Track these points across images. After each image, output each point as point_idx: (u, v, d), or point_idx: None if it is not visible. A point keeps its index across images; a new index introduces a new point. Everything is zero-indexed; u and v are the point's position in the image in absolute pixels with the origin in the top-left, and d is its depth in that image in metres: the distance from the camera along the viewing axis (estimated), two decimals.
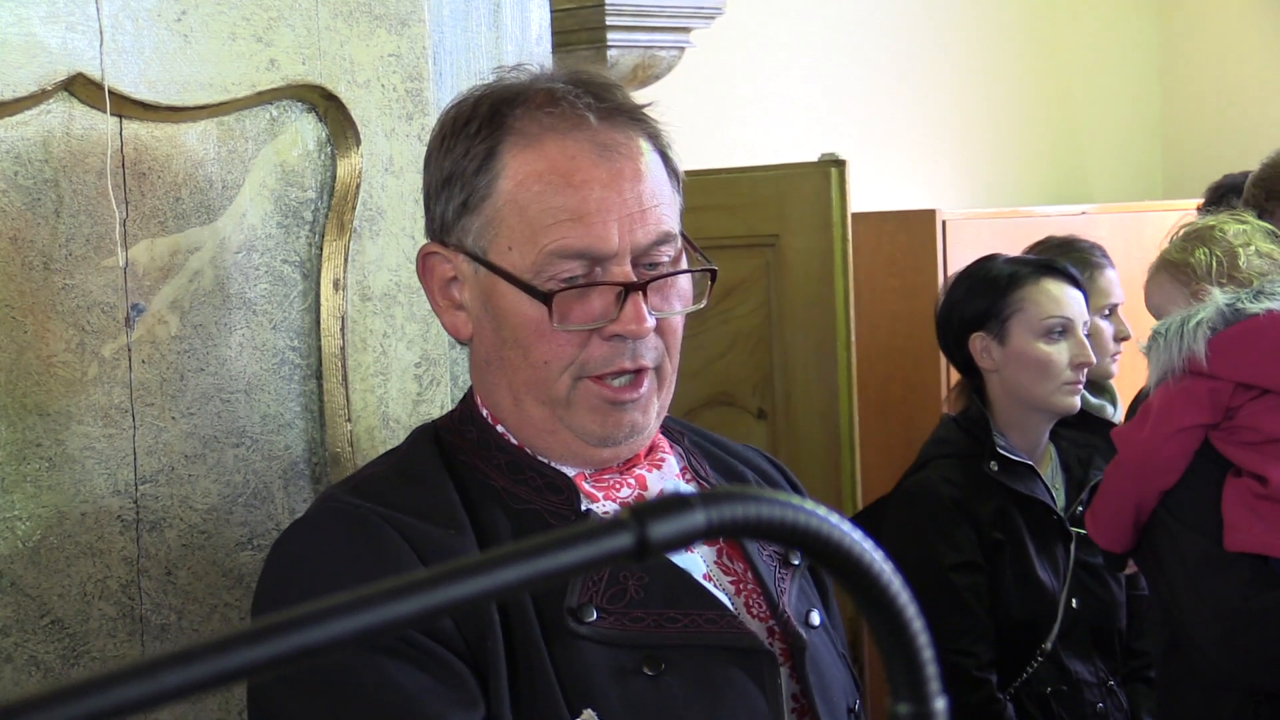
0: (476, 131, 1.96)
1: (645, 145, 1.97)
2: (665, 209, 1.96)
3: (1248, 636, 3.07)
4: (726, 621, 1.95)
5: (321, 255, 2.31)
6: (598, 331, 1.92)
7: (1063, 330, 3.88)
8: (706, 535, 0.91)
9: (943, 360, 4.22)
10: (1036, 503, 3.82)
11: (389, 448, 2.26)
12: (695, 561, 1.99)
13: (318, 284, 2.31)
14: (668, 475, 2.05)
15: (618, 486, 2.01)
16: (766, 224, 4.64)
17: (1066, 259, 4.21)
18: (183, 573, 2.18)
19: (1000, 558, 3.77)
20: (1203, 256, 3.26)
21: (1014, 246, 4.26)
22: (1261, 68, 6.67)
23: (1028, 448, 3.91)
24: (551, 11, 2.65)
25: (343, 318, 2.30)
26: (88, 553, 2.11)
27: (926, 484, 3.85)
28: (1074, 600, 3.79)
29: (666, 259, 1.95)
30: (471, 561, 0.85)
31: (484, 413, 2.02)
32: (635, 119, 1.98)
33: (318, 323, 2.30)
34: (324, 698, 1.83)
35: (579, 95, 1.94)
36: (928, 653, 0.97)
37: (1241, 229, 3.29)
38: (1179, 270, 3.28)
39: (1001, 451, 3.85)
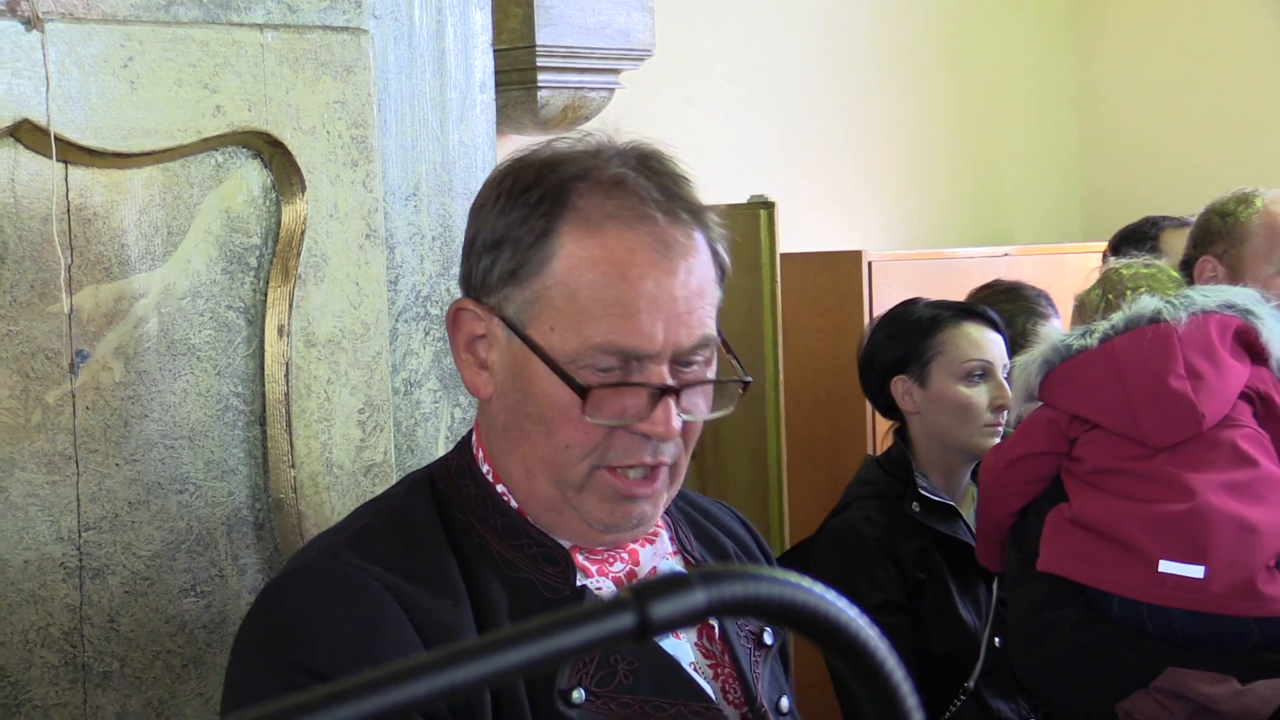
0: (538, 202, 1.91)
1: (702, 243, 1.92)
2: (709, 311, 1.92)
3: (1032, 651, 3.12)
4: (711, 715, 1.94)
5: (266, 301, 2.28)
6: (625, 426, 1.89)
7: (983, 373, 3.89)
8: (706, 615, 0.90)
9: (867, 401, 4.22)
10: (958, 542, 3.83)
11: (333, 494, 2.24)
12: (684, 649, 1.98)
13: (262, 330, 2.28)
14: (660, 551, 2.04)
15: (611, 560, 1.99)
16: None
17: (1011, 306, 4.24)
18: (125, 620, 2.15)
19: (923, 597, 3.78)
20: (1095, 296, 3.31)
21: (938, 287, 4.28)
22: (1176, 115, 6.73)
23: (949, 488, 3.92)
24: None
25: (287, 364, 2.27)
26: (30, 600, 2.08)
27: (850, 524, 3.85)
28: (996, 639, 3.80)
29: (701, 359, 1.91)
30: (475, 644, 0.84)
31: (485, 469, 1.99)
32: (698, 217, 1.93)
33: (262, 369, 2.28)
34: None
35: (646, 184, 1.90)
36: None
37: (1142, 273, 3.32)
38: (1079, 308, 3.34)
39: (923, 492, 3.86)
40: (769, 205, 4.53)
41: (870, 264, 5.18)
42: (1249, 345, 3.13)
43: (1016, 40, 6.76)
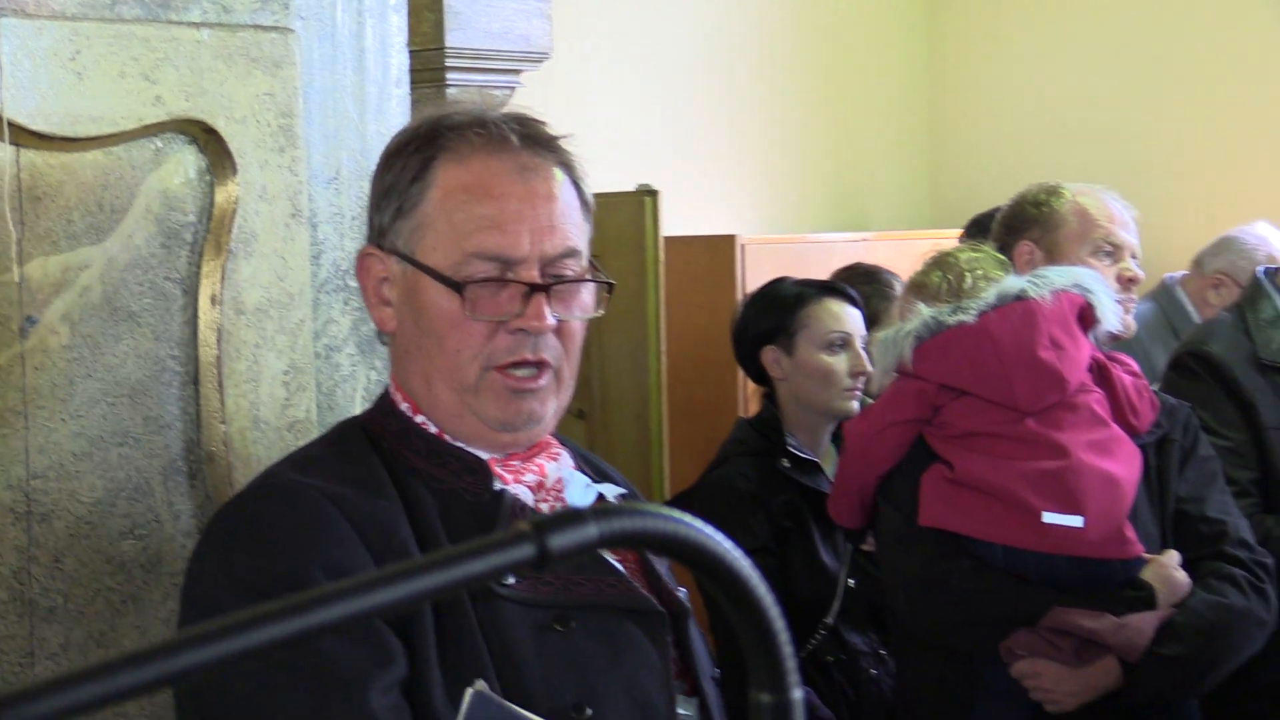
0: (415, 150, 1.99)
1: (559, 172, 2.00)
2: (573, 229, 1.99)
3: (927, 601, 3.13)
4: (625, 586, 1.98)
5: (200, 273, 2.27)
6: (503, 325, 1.93)
7: (843, 343, 3.92)
8: (599, 546, 0.92)
9: (740, 369, 4.24)
10: (821, 495, 3.85)
11: (260, 448, 2.23)
12: None
13: (196, 299, 2.26)
14: (564, 465, 2.07)
15: (523, 472, 2.02)
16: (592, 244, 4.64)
17: (868, 287, 4.27)
18: (69, 560, 2.13)
19: (789, 543, 3.80)
20: (936, 278, 3.32)
21: (803, 268, 4.29)
22: (1021, 110, 6.76)
23: (813, 446, 3.94)
24: None
25: (219, 330, 2.26)
26: None
27: (725, 478, 3.87)
28: (852, 580, 3.83)
29: (571, 272, 1.97)
30: (395, 570, 0.85)
31: (403, 406, 2.03)
32: (553, 149, 2.02)
33: (196, 334, 2.26)
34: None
35: (507, 126, 1.99)
36: (788, 649, 0.97)
37: (975, 257, 3.35)
38: (919, 290, 3.34)
39: (791, 450, 3.88)
40: (653, 193, 4.54)
41: (743, 247, 5.20)
42: (1085, 320, 3.17)
43: (872, 43, 6.78)
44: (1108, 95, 6.51)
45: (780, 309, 4.00)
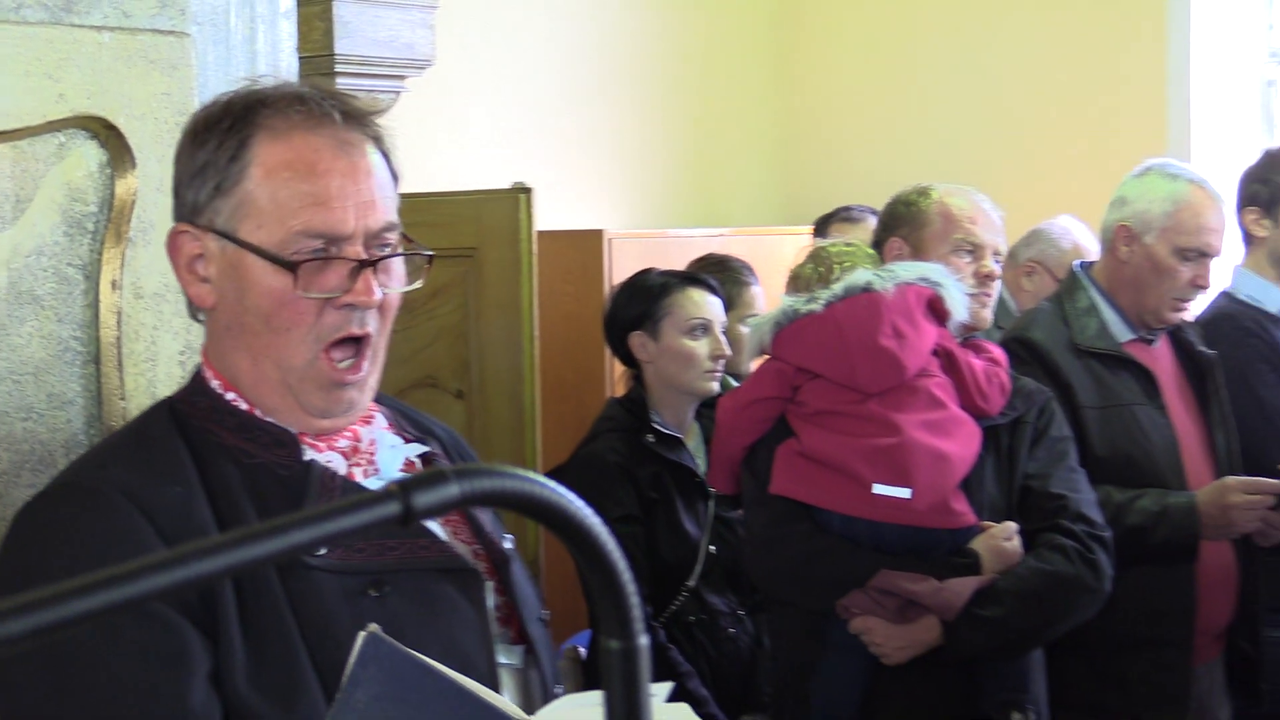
0: (230, 127, 1.87)
1: (373, 148, 1.91)
2: (390, 202, 1.91)
3: (768, 559, 3.19)
4: (437, 547, 1.90)
5: (101, 260, 2.23)
6: (331, 301, 1.85)
7: (703, 329, 3.94)
8: (460, 504, 0.91)
9: (608, 353, 4.24)
10: (684, 468, 3.88)
11: None
12: None
13: (97, 284, 2.23)
14: (377, 428, 2.00)
15: (336, 438, 1.93)
16: (467, 239, 4.63)
17: (722, 275, 4.29)
18: None
19: (655, 512, 3.82)
20: (809, 270, 3.35)
21: (665, 261, 4.31)
22: (868, 109, 6.81)
23: (677, 424, 3.96)
24: None
25: (118, 313, 2.23)
26: None
27: (596, 453, 3.89)
28: (712, 547, 3.85)
29: (390, 243, 1.90)
30: (257, 529, 0.83)
31: (214, 384, 1.92)
32: (367, 124, 1.92)
33: (97, 317, 2.23)
34: (49, 670, 1.72)
35: (322, 100, 1.89)
36: (634, 599, 0.97)
37: (846, 251, 3.39)
38: (793, 280, 3.38)
39: (656, 427, 3.90)
40: (527, 191, 4.52)
41: (610, 240, 5.20)
42: (936, 311, 3.21)
43: (727, 48, 6.79)
44: (946, 98, 6.58)
45: (646, 297, 4.02)
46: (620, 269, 4.79)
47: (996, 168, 6.36)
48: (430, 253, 1.96)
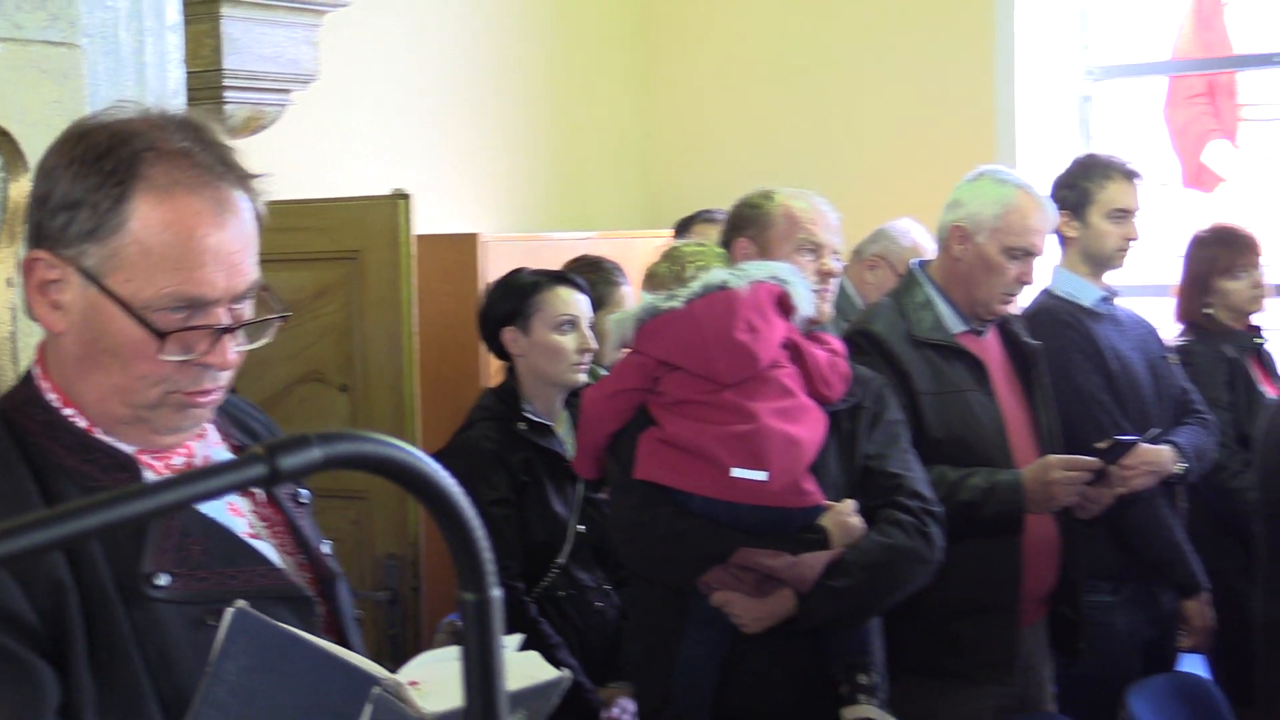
0: (112, 171, 1.75)
1: (245, 198, 1.81)
2: (254, 258, 1.82)
3: (636, 541, 3.19)
4: (275, 575, 1.86)
5: None
6: (189, 361, 1.77)
7: (571, 325, 3.94)
8: (323, 467, 0.91)
9: (484, 347, 4.23)
10: (553, 454, 3.88)
11: None
12: (239, 523, 1.89)
13: None
14: (210, 443, 1.93)
15: (170, 456, 1.86)
16: (350, 241, 4.61)
17: (594, 275, 4.31)
18: None
19: (527, 495, 3.82)
20: (664, 268, 3.36)
21: (537, 262, 4.30)
22: (726, 116, 6.84)
23: (547, 412, 3.96)
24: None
25: (13, 309, 2.20)
26: None
27: (472, 440, 3.88)
28: (581, 526, 3.86)
29: (250, 299, 1.82)
30: (135, 489, 0.83)
31: (50, 397, 1.81)
32: (244, 182, 1.82)
33: None
34: None
35: (206, 155, 1.79)
36: (487, 554, 0.98)
37: (698, 250, 3.40)
38: (651, 278, 3.39)
39: (528, 415, 3.90)
40: (406, 197, 4.50)
41: (485, 244, 5.19)
42: (784, 306, 3.23)
43: (590, 60, 6.78)
44: (798, 109, 6.63)
45: (518, 295, 4.01)
46: (495, 270, 4.78)
47: (843, 172, 6.44)
48: (286, 314, 1.89)
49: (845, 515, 3.13)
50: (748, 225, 3.50)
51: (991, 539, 3.63)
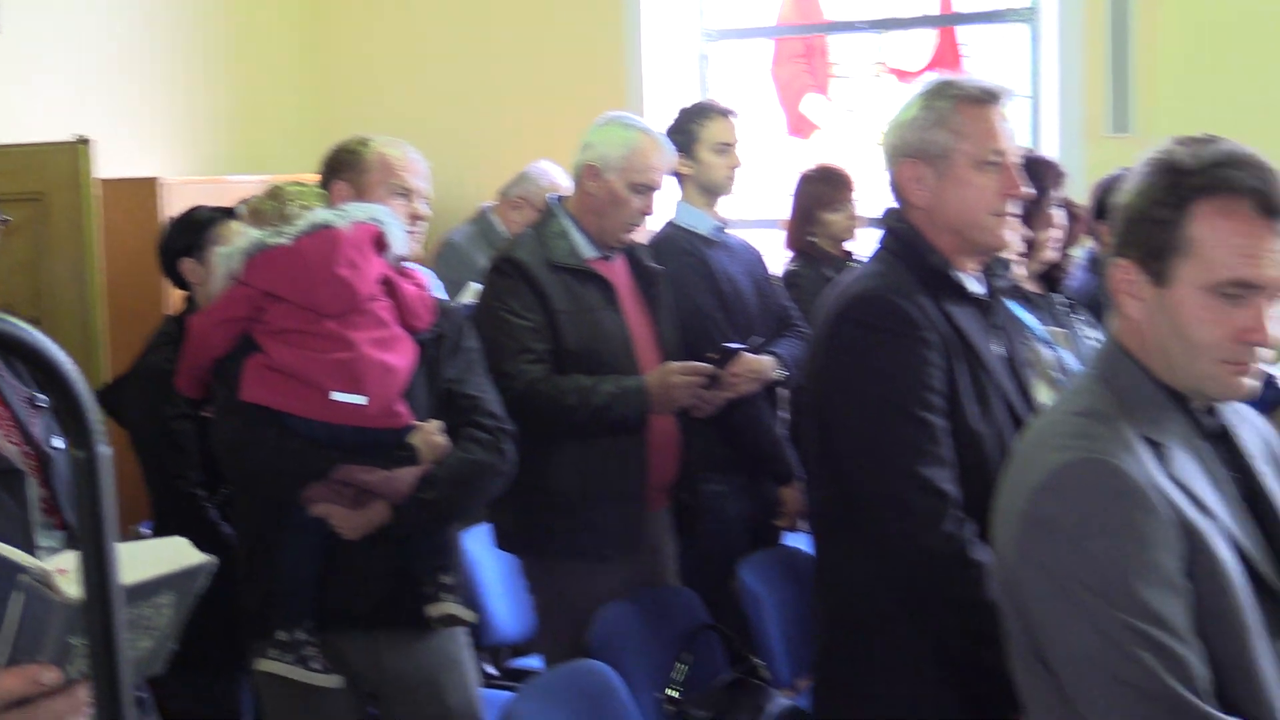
0: None
1: None
2: None
3: (243, 458, 3.10)
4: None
5: None
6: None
7: None
8: None
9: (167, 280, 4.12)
10: None
11: None
12: None
13: None
14: None
15: None
16: (33, 185, 4.43)
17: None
18: None
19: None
20: (268, 206, 3.26)
21: (214, 202, 4.19)
22: (389, 75, 6.76)
23: None
24: None
25: None
26: None
27: (153, 363, 3.79)
28: None
29: None
30: None
31: None
32: None
33: None
34: None
35: None
36: (94, 414, 0.95)
37: (300, 190, 3.29)
38: (255, 215, 3.29)
39: None
40: (86, 142, 4.34)
41: (165, 186, 5.04)
42: (380, 245, 3.20)
43: (267, 11, 6.63)
44: (450, 58, 6.63)
45: (195, 229, 3.93)
46: (175, 210, 4.65)
47: (490, 120, 6.48)
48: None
49: (432, 434, 3.12)
50: (344, 169, 3.46)
51: (621, 436, 3.71)
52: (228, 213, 3.94)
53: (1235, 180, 1.89)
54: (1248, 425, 2.10)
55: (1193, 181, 1.92)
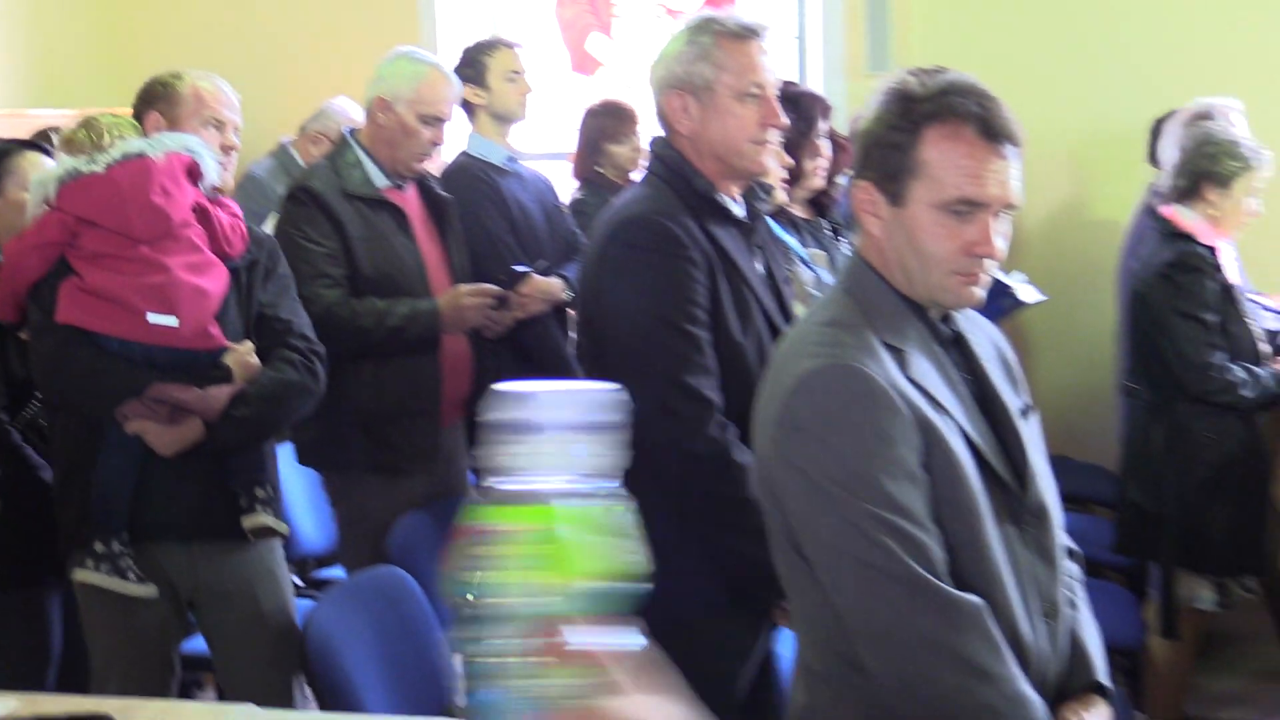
0: None
1: None
2: None
3: (56, 378, 3.04)
4: None
5: None
6: None
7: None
8: None
9: None
10: None
11: None
12: None
13: None
14: None
15: None
16: None
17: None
18: None
19: (7, 336, 3.58)
20: (82, 135, 3.20)
21: (16, 135, 4.00)
22: (190, 11, 6.54)
23: None
24: None
25: None
26: None
27: None
28: None
29: None
30: None
31: None
32: None
33: None
34: None
35: None
36: None
37: (115, 121, 3.26)
38: (68, 143, 3.22)
39: None
40: None
41: None
42: (193, 174, 3.14)
43: None
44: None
45: None
46: None
47: (289, 55, 6.34)
48: None
49: (245, 355, 3.10)
50: (158, 100, 3.40)
51: (416, 356, 3.71)
52: (26, 144, 3.78)
53: (960, 106, 1.96)
54: (980, 332, 2.18)
55: (922, 108, 1.98)
